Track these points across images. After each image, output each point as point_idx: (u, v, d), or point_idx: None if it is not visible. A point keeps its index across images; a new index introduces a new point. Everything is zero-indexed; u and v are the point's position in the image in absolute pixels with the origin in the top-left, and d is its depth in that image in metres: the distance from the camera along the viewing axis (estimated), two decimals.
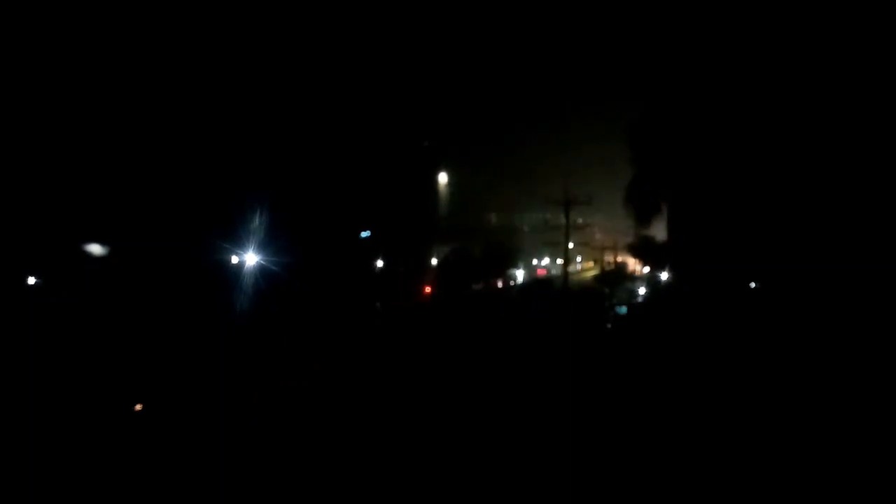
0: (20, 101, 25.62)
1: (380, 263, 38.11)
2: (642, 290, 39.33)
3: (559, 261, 47.33)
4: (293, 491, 9.91)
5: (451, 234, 44.32)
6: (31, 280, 26.50)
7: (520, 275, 49.03)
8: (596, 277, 49.11)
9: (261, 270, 27.09)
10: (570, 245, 38.82)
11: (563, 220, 37.34)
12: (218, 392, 13.63)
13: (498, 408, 13.22)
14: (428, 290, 39.66)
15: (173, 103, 28.17)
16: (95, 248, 27.80)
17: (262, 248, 27.62)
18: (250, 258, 27.59)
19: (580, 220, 39.59)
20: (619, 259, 45.74)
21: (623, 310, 34.58)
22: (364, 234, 37.24)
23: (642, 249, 33.84)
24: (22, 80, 25.74)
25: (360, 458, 10.95)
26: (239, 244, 27.54)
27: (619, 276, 43.21)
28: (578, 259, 53.20)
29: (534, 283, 41.35)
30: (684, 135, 23.30)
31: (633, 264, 43.99)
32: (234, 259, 27.80)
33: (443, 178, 46.42)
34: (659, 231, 28.81)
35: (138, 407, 13.51)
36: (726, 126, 21.86)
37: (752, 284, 24.14)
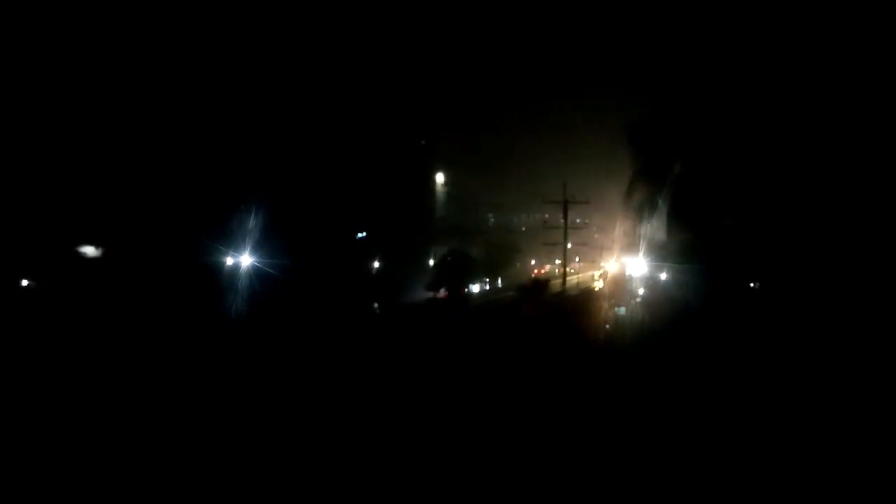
0: (16, 102, 25.49)
1: (377, 265, 37.95)
2: (641, 291, 39.14)
3: (558, 261, 47.22)
4: (293, 490, 9.77)
5: (449, 234, 44.16)
6: (25, 282, 26.39)
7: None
8: (594, 277, 49.02)
9: (257, 272, 26.93)
10: (569, 245, 38.69)
11: (561, 221, 37.24)
12: (217, 393, 13.53)
13: (499, 410, 13.09)
14: (425, 290, 39.52)
15: (168, 104, 28.02)
16: (90, 250, 27.66)
17: (258, 249, 27.48)
18: (246, 260, 27.44)
19: (578, 220, 39.46)
20: (619, 259, 45.55)
21: (622, 310, 34.39)
22: (360, 235, 37.08)
23: (641, 249, 33.70)
24: (18, 81, 25.60)
25: (360, 458, 10.82)
26: (235, 246, 27.39)
27: (617, 276, 43.01)
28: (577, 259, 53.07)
29: (533, 283, 41.12)
30: (685, 134, 23.24)
31: (632, 264, 43.80)
32: (230, 261, 27.65)
33: (440, 178, 46.29)
34: (658, 231, 28.68)
35: None
36: (727, 125, 21.82)
37: (752, 284, 24.10)
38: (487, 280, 47.95)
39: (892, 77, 18.79)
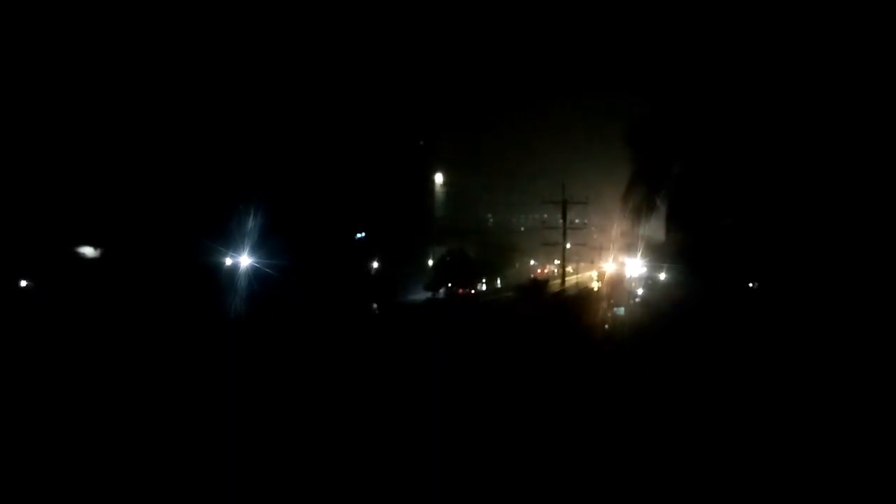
0: (15, 103, 25.48)
1: (376, 265, 38.00)
2: (640, 291, 39.16)
3: (557, 261, 47.31)
4: (293, 490, 9.81)
5: (448, 234, 44.20)
6: (24, 283, 26.40)
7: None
8: (593, 278, 49.02)
9: (256, 272, 26.93)
10: (568, 245, 38.75)
11: (560, 221, 37.31)
12: (216, 393, 13.55)
13: (497, 410, 13.10)
14: (425, 290, 39.64)
15: (167, 105, 28.01)
16: (90, 250, 27.66)
17: (258, 249, 27.49)
18: (245, 260, 27.45)
19: (577, 221, 39.53)
20: (617, 259, 45.57)
21: (621, 310, 34.40)
22: (360, 235, 37.11)
23: (639, 249, 33.72)
24: (18, 82, 25.60)
25: (360, 458, 10.83)
26: (234, 246, 27.40)
27: (616, 276, 43.02)
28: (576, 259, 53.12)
29: (532, 284, 41.20)
30: (684, 134, 23.25)
31: (631, 264, 43.85)
32: (229, 261, 27.66)
33: (439, 178, 46.34)
34: (657, 231, 28.72)
35: None
36: (727, 125, 21.82)
37: (751, 285, 24.12)
38: (486, 280, 47.97)
39: (892, 77, 18.81)
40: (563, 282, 38.46)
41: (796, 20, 20.37)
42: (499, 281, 49.59)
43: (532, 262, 56.11)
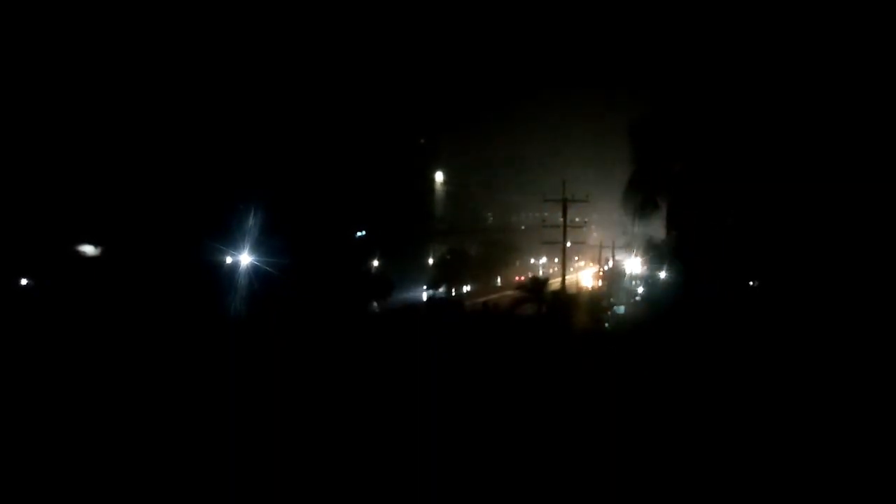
0: (14, 102, 25.48)
1: (375, 263, 37.99)
2: (640, 290, 39.17)
3: (556, 259, 47.29)
4: (293, 490, 9.80)
5: (448, 233, 44.21)
6: (24, 281, 26.42)
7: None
8: (593, 276, 49.10)
9: (256, 271, 26.92)
10: (568, 244, 38.69)
11: (560, 219, 37.28)
12: (216, 392, 13.55)
13: (497, 412, 13.11)
14: (425, 289, 39.66)
15: (167, 103, 28.00)
16: (90, 250, 27.67)
17: (257, 248, 27.46)
18: (245, 259, 27.44)
19: (578, 219, 39.48)
20: (617, 258, 45.66)
21: (621, 309, 34.43)
22: (359, 234, 37.09)
23: (640, 248, 33.73)
24: (18, 81, 25.60)
25: (359, 459, 10.83)
26: (234, 245, 27.38)
27: (616, 274, 43.08)
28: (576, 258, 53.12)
29: (532, 282, 41.21)
30: (685, 134, 23.25)
31: (631, 263, 43.89)
32: (229, 259, 27.65)
33: (439, 177, 46.31)
34: (657, 230, 28.70)
35: None
36: (728, 125, 21.83)
37: (751, 283, 24.14)
38: (486, 279, 48.02)
39: (892, 77, 18.80)
40: (564, 280, 38.39)
41: (797, 20, 20.36)
42: (498, 280, 49.65)
43: (532, 261, 56.18)
